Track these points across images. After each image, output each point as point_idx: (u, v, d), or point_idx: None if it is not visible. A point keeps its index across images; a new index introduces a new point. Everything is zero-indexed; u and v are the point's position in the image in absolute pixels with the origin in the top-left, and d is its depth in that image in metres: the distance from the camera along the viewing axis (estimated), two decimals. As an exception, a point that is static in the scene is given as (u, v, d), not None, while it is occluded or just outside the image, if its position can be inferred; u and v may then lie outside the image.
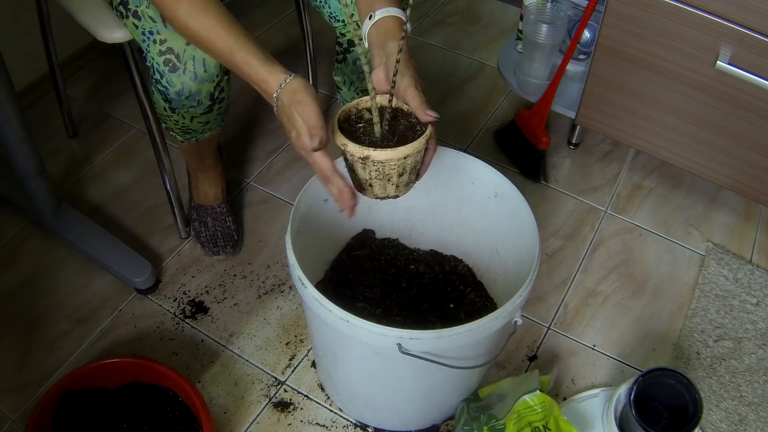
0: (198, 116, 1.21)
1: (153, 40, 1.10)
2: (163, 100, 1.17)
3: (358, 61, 1.25)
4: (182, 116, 1.20)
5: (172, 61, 1.10)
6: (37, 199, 1.46)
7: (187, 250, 1.52)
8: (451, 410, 1.24)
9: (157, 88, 1.15)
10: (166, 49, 1.09)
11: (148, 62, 1.12)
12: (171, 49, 1.09)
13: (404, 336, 0.96)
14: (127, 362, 1.21)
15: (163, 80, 1.11)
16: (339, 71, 1.28)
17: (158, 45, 1.09)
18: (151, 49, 1.10)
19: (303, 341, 1.37)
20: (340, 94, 1.33)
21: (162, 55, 1.09)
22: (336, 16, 1.20)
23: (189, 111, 1.18)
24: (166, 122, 1.26)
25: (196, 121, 1.23)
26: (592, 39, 1.69)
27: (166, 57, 1.09)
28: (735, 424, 1.27)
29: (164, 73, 1.10)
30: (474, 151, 1.74)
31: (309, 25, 1.55)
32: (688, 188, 1.68)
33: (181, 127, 1.26)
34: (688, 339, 1.39)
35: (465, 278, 1.35)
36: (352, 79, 1.28)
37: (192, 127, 1.25)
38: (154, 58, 1.10)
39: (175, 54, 1.09)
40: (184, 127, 1.25)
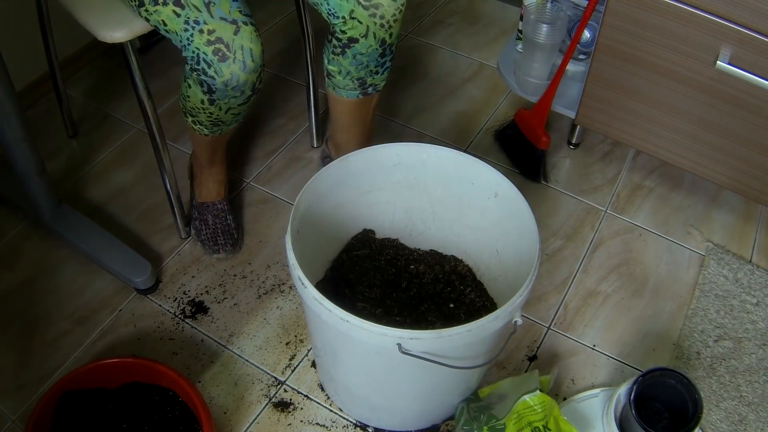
0: (235, 107, 1.21)
1: (199, 30, 1.09)
2: (203, 92, 1.17)
3: (359, 55, 1.25)
4: (219, 108, 1.20)
5: (221, 51, 1.10)
6: (37, 199, 1.46)
7: (187, 250, 1.52)
8: (451, 410, 1.24)
9: (200, 79, 1.14)
10: (215, 39, 1.09)
11: (190, 53, 1.12)
12: (220, 38, 1.09)
13: (404, 336, 0.96)
14: (127, 362, 1.21)
15: (211, 70, 1.11)
16: (335, 62, 1.28)
17: (206, 35, 1.09)
18: (195, 38, 1.10)
19: (303, 341, 1.37)
20: (332, 80, 1.33)
21: (210, 45, 1.09)
22: (335, 13, 1.20)
23: (229, 102, 1.18)
24: (197, 115, 1.26)
25: (231, 113, 1.23)
26: (592, 39, 1.69)
27: (216, 46, 1.09)
28: (735, 424, 1.27)
29: (213, 62, 1.10)
30: (474, 151, 1.74)
31: (309, 25, 1.55)
32: (688, 188, 1.68)
33: (213, 120, 1.26)
34: (688, 339, 1.39)
35: (465, 278, 1.35)
36: (349, 70, 1.28)
37: (224, 118, 1.25)
38: (200, 48, 1.10)
39: (225, 43, 1.09)
40: (216, 119, 1.25)
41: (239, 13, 1.12)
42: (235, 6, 1.11)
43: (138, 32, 1.20)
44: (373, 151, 1.23)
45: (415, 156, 1.25)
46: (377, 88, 1.36)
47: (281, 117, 1.83)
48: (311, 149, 1.75)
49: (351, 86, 1.32)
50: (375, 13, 1.19)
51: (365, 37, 1.21)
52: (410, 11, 2.18)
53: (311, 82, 1.65)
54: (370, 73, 1.30)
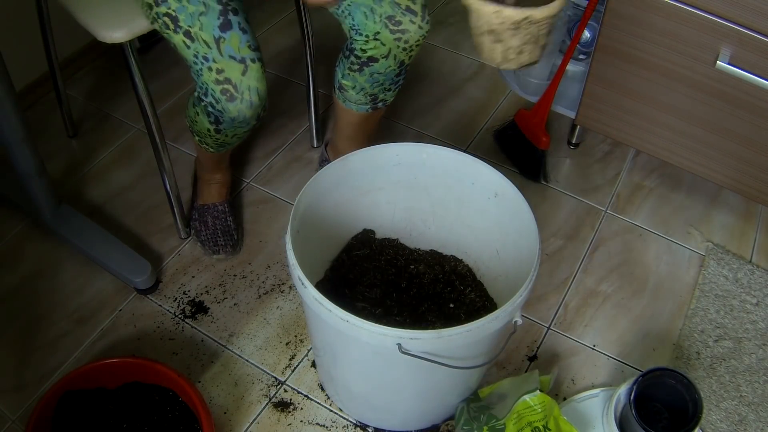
0: (240, 133, 1.25)
1: (208, 67, 1.10)
2: (210, 122, 1.19)
3: (377, 74, 1.25)
4: (225, 135, 1.23)
5: (229, 91, 1.10)
6: (37, 199, 1.46)
7: (187, 250, 1.52)
8: (451, 410, 1.24)
9: (208, 111, 1.16)
10: (223, 79, 1.10)
11: (199, 84, 1.13)
12: (228, 79, 1.10)
13: (404, 336, 0.96)
14: (127, 362, 1.21)
15: (219, 106, 1.13)
16: (350, 78, 1.28)
17: (214, 73, 1.10)
18: (204, 74, 1.11)
19: (303, 341, 1.37)
20: (344, 94, 1.34)
21: (219, 84, 1.10)
22: (359, 30, 1.19)
23: (235, 130, 1.21)
24: (203, 138, 1.29)
25: (236, 137, 1.27)
26: (592, 39, 1.70)
27: (224, 87, 1.10)
28: (735, 424, 1.27)
29: (220, 100, 1.12)
30: (474, 151, 1.74)
31: (309, 25, 1.55)
32: (688, 188, 1.68)
33: (219, 143, 1.28)
34: (688, 339, 1.39)
35: (465, 278, 1.35)
36: (364, 86, 1.29)
37: (229, 141, 1.28)
38: (208, 84, 1.11)
39: (233, 84, 1.10)
40: (222, 142, 1.28)
41: (248, 48, 1.12)
42: (244, 40, 1.11)
43: (138, 32, 1.20)
44: (373, 151, 1.23)
45: (415, 156, 1.25)
46: (386, 103, 1.37)
47: (281, 117, 1.83)
48: (311, 149, 1.75)
49: (363, 101, 1.34)
50: (400, 38, 1.20)
51: (386, 58, 1.22)
52: None
53: (311, 82, 1.65)
54: (383, 90, 1.32)
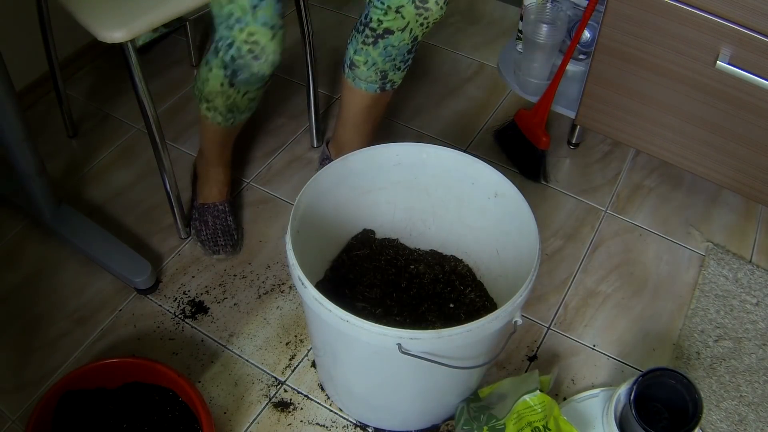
0: (252, 91, 1.27)
1: (240, 28, 1.14)
2: (225, 75, 1.21)
3: (390, 47, 1.28)
4: (238, 91, 1.25)
5: (255, 51, 1.16)
6: (38, 199, 1.46)
7: (187, 250, 1.52)
8: (451, 410, 1.24)
9: (226, 63, 1.19)
10: (252, 41, 1.15)
11: (226, 36, 1.17)
12: (257, 42, 1.15)
13: (404, 336, 0.96)
14: (127, 362, 1.21)
15: (241, 60, 1.17)
16: (363, 52, 1.30)
17: (245, 34, 1.15)
18: (235, 33, 1.15)
19: (303, 341, 1.37)
20: (354, 71, 1.35)
21: (247, 44, 1.15)
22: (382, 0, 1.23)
23: (248, 86, 1.24)
24: (213, 100, 1.30)
25: (247, 97, 1.28)
26: (592, 39, 1.70)
27: (252, 47, 1.15)
28: (735, 424, 1.27)
29: (245, 56, 1.16)
30: (474, 151, 1.74)
31: (309, 25, 1.55)
32: (688, 188, 1.68)
33: (228, 106, 1.30)
34: (688, 339, 1.39)
35: (465, 278, 1.35)
36: (376, 61, 1.31)
37: (239, 104, 1.30)
38: (236, 41, 1.15)
39: (261, 46, 1.15)
40: (231, 105, 1.29)
41: (278, 17, 1.16)
42: (276, 9, 1.16)
43: (138, 32, 1.20)
44: (373, 151, 1.23)
45: (415, 156, 1.25)
46: (394, 85, 1.38)
47: (281, 117, 1.83)
48: (311, 149, 1.75)
49: (372, 78, 1.34)
50: (422, 14, 1.23)
51: (402, 31, 1.25)
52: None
53: (311, 82, 1.65)
54: (393, 68, 1.33)
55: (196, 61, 1.97)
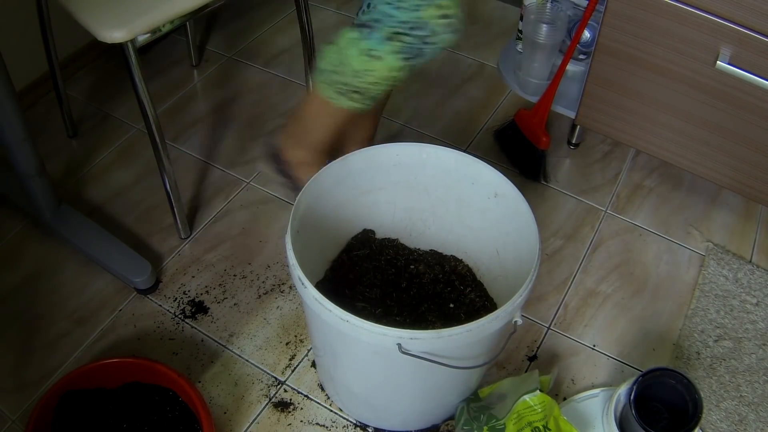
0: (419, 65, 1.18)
1: (436, 5, 1.08)
2: (402, 59, 1.12)
3: None
4: (404, 72, 1.16)
5: (452, 23, 1.10)
6: (37, 199, 1.46)
7: (187, 250, 1.52)
8: (451, 410, 1.24)
9: (409, 47, 1.10)
10: (444, 15, 1.09)
11: (411, 20, 1.09)
12: (447, 15, 1.09)
13: (404, 336, 0.96)
14: (127, 362, 1.21)
15: (434, 37, 1.10)
16: None
17: (436, 9, 1.08)
18: (424, 11, 1.08)
19: (303, 341, 1.37)
20: None
21: (442, 18, 1.09)
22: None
23: (425, 62, 1.15)
24: (365, 92, 1.17)
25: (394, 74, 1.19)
26: (592, 39, 1.70)
27: (447, 21, 1.09)
28: (735, 424, 1.27)
29: (439, 33, 1.09)
30: (474, 151, 1.74)
31: (309, 25, 1.55)
32: (688, 188, 1.68)
33: (374, 95, 1.19)
34: (688, 339, 1.39)
35: (465, 278, 1.35)
36: None
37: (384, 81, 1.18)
38: (429, 19, 1.09)
39: (452, 18, 1.10)
40: (387, 83, 1.18)
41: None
42: None
43: (138, 32, 1.20)
44: (373, 151, 1.23)
45: (415, 156, 1.25)
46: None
47: (281, 117, 1.83)
48: (311, 149, 1.75)
49: None
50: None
51: None
52: (410, 11, 2.17)
53: (311, 82, 1.65)
54: None
55: (196, 61, 1.97)
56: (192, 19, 1.37)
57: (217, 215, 1.59)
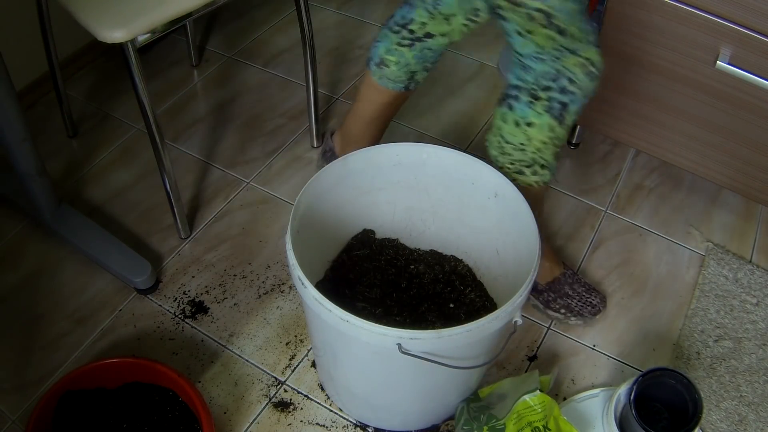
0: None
1: (576, 54, 1.08)
2: (555, 115, 1.13)
3: (427, 50, 1.26)
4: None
5: (594, 73, 1.10)
6: (37, 199, 1.46)
7: (187, 250, 1.52)
8: (451, 410, 1.24)
9: (557, 99, 1.11)
10: (588, 61, 1.10)
11: (554, 70, 1.08)
12: (592, 62, 1.10)
13: (404, 336, 0.96)
14: (127, 362, 1.21)
15: (576, 86, 1.10)
16: (397, 53, 1.28)
17: (579, 57, 1.08)
18: (566, 60, 1.08)
19: (303, 341, 1.37)
20: (382, 70, 1.32)
21: (584, 66, 1.09)
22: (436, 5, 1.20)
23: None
24: (537, 148, 1.18)
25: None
26: (592, 39, 1.69)
27: (590, 69, 1.10)
28: (735, 424, 1.27)
29: (581, 81, 1.10)
30: (474, 151, 1.74)
31: (309, 25, 1.55)
32: (688, 188, 1.68)
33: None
34: (688, 339, 1.39)
35: (465, 278, 1.35)
36: (410, 62, 1.28)
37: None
38: (572, 68, 1.08)
39: (595, 65, 1.10)
40: None
41: None
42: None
43: (138, 32, 1.20)
44: (373, 151, 1.23)
45: (415, 156, 1.25)
46: (418, 84, 1.37)
47: (281, 117, 1.83)
48: (311, 149, 1.75)
49: (401, 78, 1.33)
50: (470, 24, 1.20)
51: (444, 36, 1.23)
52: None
53: (311, 82, 1.65)
54: (423, 69, 1.32)
55: (196, 61, 1.97)
56: (192, 19, 1.37)
57: (217, 215, 1.59)
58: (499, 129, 1.18)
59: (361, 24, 2.13)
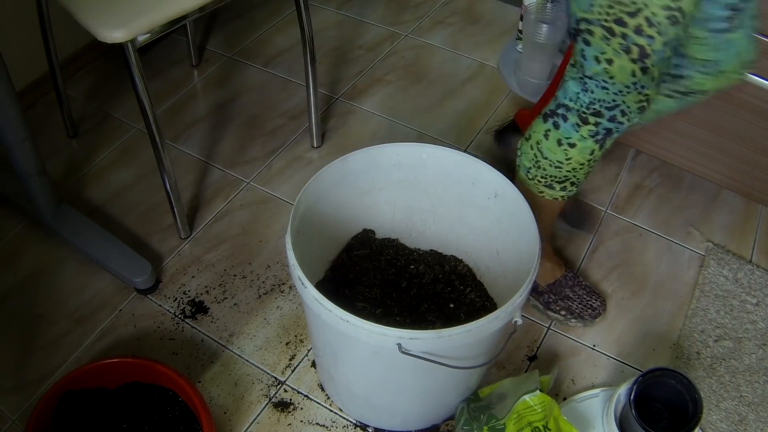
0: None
1: (643, 93, 1.05)
2: (596, 142, 1.11)
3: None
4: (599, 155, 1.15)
5: (646, 108, 1.07)
6: (37, 199, 1.46)
7: (187, 250, 1.52)
8: (451, 410, 1.24)
9: (604, 130, 1.09)
10: (645, 99, 1.06)
11: (614, 104, 1.05)
12: (648, 99, 1.06)
13: (404, 336, 0.96)
14: (127, 362, 1.21)
15: (625, 118, 1.07)
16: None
17: (640, 96, 1.05)
18: (629, 95, 1.04)
19: (303, 341, 1.37)
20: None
21: (642, 102, 1.06)
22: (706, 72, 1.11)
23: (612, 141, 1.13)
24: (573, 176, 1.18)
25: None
26: (592, 39, 1.69)
27: (643, 104, 1.06)
28: (735, 424, 1.27)
29: (632, 113, 1.07)
30: (474, 151, 1.74)
31: (309, 25, 1.55)
32: (688, 188, 1.68)
33: (586, 173, 1.19)
34: (688, 339, 1.39)
35: (465, 278, 1.35)
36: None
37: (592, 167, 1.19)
38: (631, 105, 1.05)
39: (650, 100, 1.07)
40: (587, 171, 1.18)
41: None
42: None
43: (138, 32, 1.20)
44: (373, 151, 1.23)
45: (415, 156, 1.25)
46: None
47: (281, 117, 1.83)
48: (311, 149, 1.75)
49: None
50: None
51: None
52: (410, 11, 2.18)
53: (311, 82, 1.65)
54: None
55: (196, 61, 1.97)
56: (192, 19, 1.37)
57: (217, 215, 1.59)
58: (538, 143, 1.18)
59: (361, 24, 2.13)
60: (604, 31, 0.99)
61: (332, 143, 1.76)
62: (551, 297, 1.40)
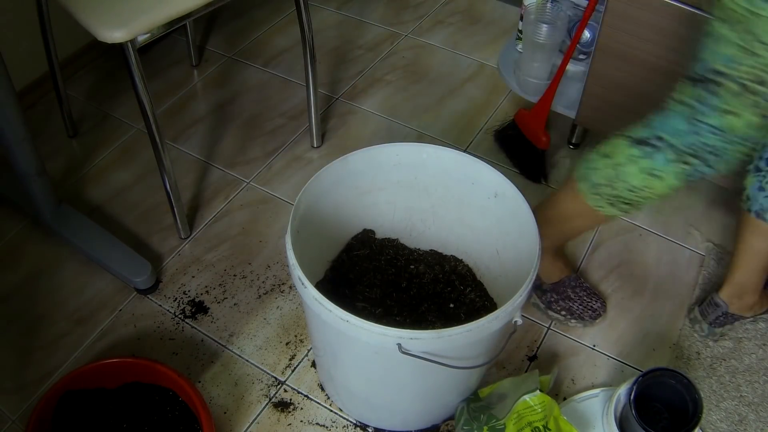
0: None
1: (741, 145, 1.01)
2: (677, 179, 1.06)
3: None
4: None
5: (740, 158, 1.03)
6: (37, 199, 1.46)
7: (187, 250, 1.52)
8: (451, 410, 1.24)
9: (691, 169, 1.04)
10: (748, 152, 1.03)
11: (706, 146, 1.01)
12: (749, 154, 1.04)
13: (404, 336, 0.96)
14: (127, 362, 1.21)
15: (718, 164, 1.03)
16: None
17: (746, 147, 1.01)
18: (735, 148, 1.01)
19: (303, 341, 1.37)
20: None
21: (742, 153, 1.02)
22: None
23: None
24: (630, 199, 1.12)
25: None
26: (592, 39, 1.69)
27: (745, 155, 1.03)
28: (735, 424, 1.27)
29: (727, 161, 1.03)
30: (474, 151, 1.74)
31: (309, 25, 1.55)
32: (688, 188, 1.68)
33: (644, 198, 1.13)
34: (688, 339, 1.39)
35: (465, 278, 1.35)
36: None
37: None
38: (732, 154, 1.01)
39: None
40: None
41: None
42: None
43: (138, 32, 1.20)
44: (373, 151, 1.23)
45: (415, 156, 1.25)
46: None
47: (281, 117, 1.83)
48: (311, 149, 1.75)
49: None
50: None
51: None
52: (410, 11, 2.18)
53: (311, 82, 1.65)
54: None
55: (196, 61, 1.97)
56: (192, 19, 1.37)
57: (217, 215, 1.59)
58: (619, 165, 1.10)
59: (361, 24, 2.13)
60: (740, 87, 0.95)
61: (332, 143, 1.76)
62: (553, 296, 1.40)
